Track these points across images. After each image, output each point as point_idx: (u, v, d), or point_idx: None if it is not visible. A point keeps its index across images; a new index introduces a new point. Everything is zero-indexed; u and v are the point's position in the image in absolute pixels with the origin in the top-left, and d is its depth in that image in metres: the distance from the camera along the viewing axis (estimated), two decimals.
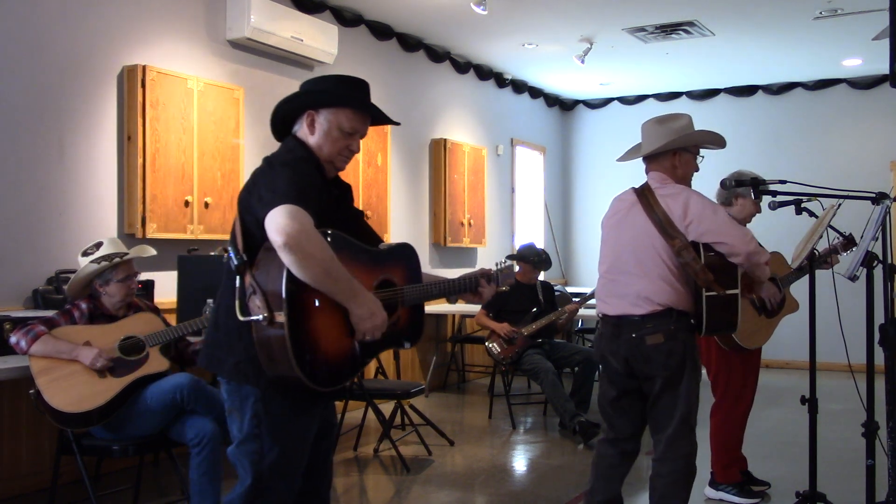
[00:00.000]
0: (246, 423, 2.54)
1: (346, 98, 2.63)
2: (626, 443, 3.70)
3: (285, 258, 2.29)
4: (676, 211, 3.47)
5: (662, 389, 3.50)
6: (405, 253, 2.76)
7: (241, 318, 2.40)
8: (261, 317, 2.34)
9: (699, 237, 3.44)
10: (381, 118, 2.73)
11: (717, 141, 3.70)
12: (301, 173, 2.49)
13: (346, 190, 2.77)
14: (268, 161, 2.59)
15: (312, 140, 2.61)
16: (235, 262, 2.44)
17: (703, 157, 3.74)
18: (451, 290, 2.81)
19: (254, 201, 2.46)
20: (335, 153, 2.62)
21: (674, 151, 3.62)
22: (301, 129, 2.64)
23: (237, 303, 2.42)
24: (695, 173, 3.74)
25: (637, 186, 3.69)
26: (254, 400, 2.51)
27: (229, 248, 2.50)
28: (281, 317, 2.31)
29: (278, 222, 2.30)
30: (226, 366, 2.54)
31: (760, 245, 3.52)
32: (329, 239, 2.41)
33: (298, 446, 2.60)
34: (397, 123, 2.84)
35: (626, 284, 3.55)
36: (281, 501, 2.61)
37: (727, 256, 3.44)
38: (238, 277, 2.44)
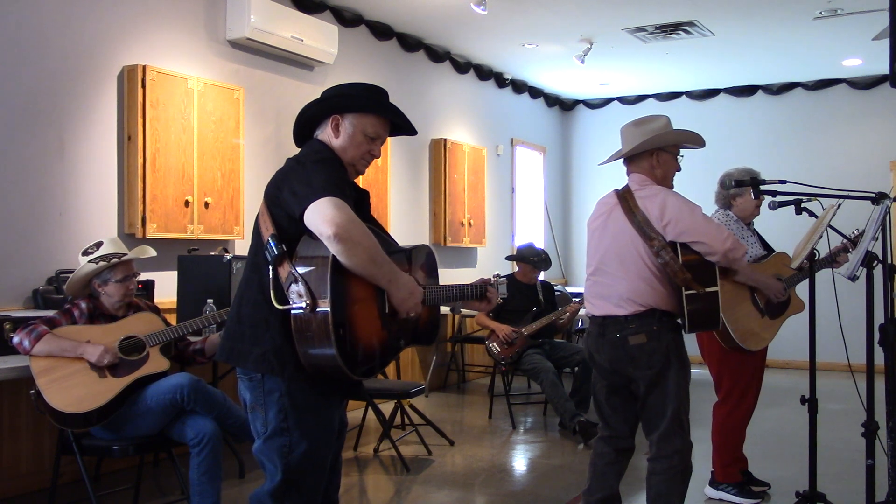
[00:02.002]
0: (272, 417, 2.56)
1: (373, 104, 2.72)
2: (621, 440, 3.74)
3: (335, 247, 2.38)
4: (654, 212, 3.53)
5: (649, 389, 3.55)
6: (426, 255, 2.86)
7: (278, 307, 2.46)
8: (304, 304, 2.40)
9: (677, 237, 3.49)
10: (402, 127, 2.82)
11: (694, 140, 3.74)
12: (335, 171, 2.59)
13: (365, 195, 2.82)
14: (296, 160, 2.65)
15: (336, 143, 2.69)
16: (276, 253, 2.48)
17: (682, 156, 3.77)
18: (464, 295, 2.86)
19: (286, 196, 2.52)
20: (358, 157, 2.70)
21: (652, 152, 3.68)
22: (324, 133, 2.72)
23: (272, 293, 2.48)
24: (677, 172, 3.77)
25: (619, 189, 3.74)
26: (279, 394, 2.55)
27: (269, 240, 2.52)
28: (325, 304, 2.39)
29: (326, 213, 2.38)
30: (250, 357, 2.56)
31: (738, 241, 3.56)
32: None
33: (325, 439, 2.64)
34: (415, 133, 2.90)
35: (609, 286, 3.62)
36: (311, 495, 2.63)
37: (704, 256, 3.49)
38: (271, 268, 2.50)
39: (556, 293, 7.50)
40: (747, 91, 10.45)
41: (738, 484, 4.66)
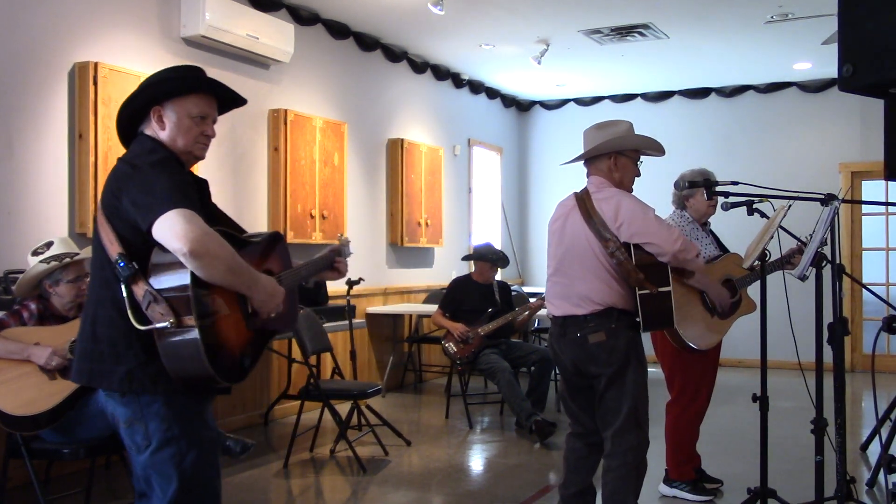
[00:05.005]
0: (154, 430, 2.48)
1: (189, 84, 2.61)
2: (591, 436, 3.81)
3: (192, 264, 2.29)
4: (609, 213, 3.61)
5: (607, 386, 3.63)
6: (277, 242, 2.79)
7: (139, 327, 2.36)
8: (167, 323, 2.32)
9: (629, 238, 3.58)
10: (231, 100, 2.74)
11: (653, 146, 3.83)
12: (175, 173, 2.46)
13: (204, 185, 2.71)
14: (128, 163, 2.50)
15: (164, 135, 2.56)
16: (126, 273, 2.37)
17: (641, 161, 3.84)
18: (315, 269, 2.88)
19: (126, 206, 2.40)
20: (192, 142, 2.58)
21: (611, 155, 3.74)
22: (150, 127, 2.58)
23: (129, 312, 2.37)
24: (637, 178, 3.84)
25: (577, 191, 3.81)
26: (158, 405, 2.47)
27: (118, 259, 2.39)
28: (191, 320, 2.32)
29: (177, 229, 2.28)
30: (114, 377, 2.45)
31: (690, 242, 3.65)
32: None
33: (211, 440, 2.60)
34: (244, 102, 2.81)
35: (569, 286, 3.70)
36: (213, 499, 2.59)
37: (656, 256, 3.57)
38: (124, 287, 2.38)
39: (513, 293, 7.53)
40: (701, 93, 10.58)
41: (691, 481, 4.72)
